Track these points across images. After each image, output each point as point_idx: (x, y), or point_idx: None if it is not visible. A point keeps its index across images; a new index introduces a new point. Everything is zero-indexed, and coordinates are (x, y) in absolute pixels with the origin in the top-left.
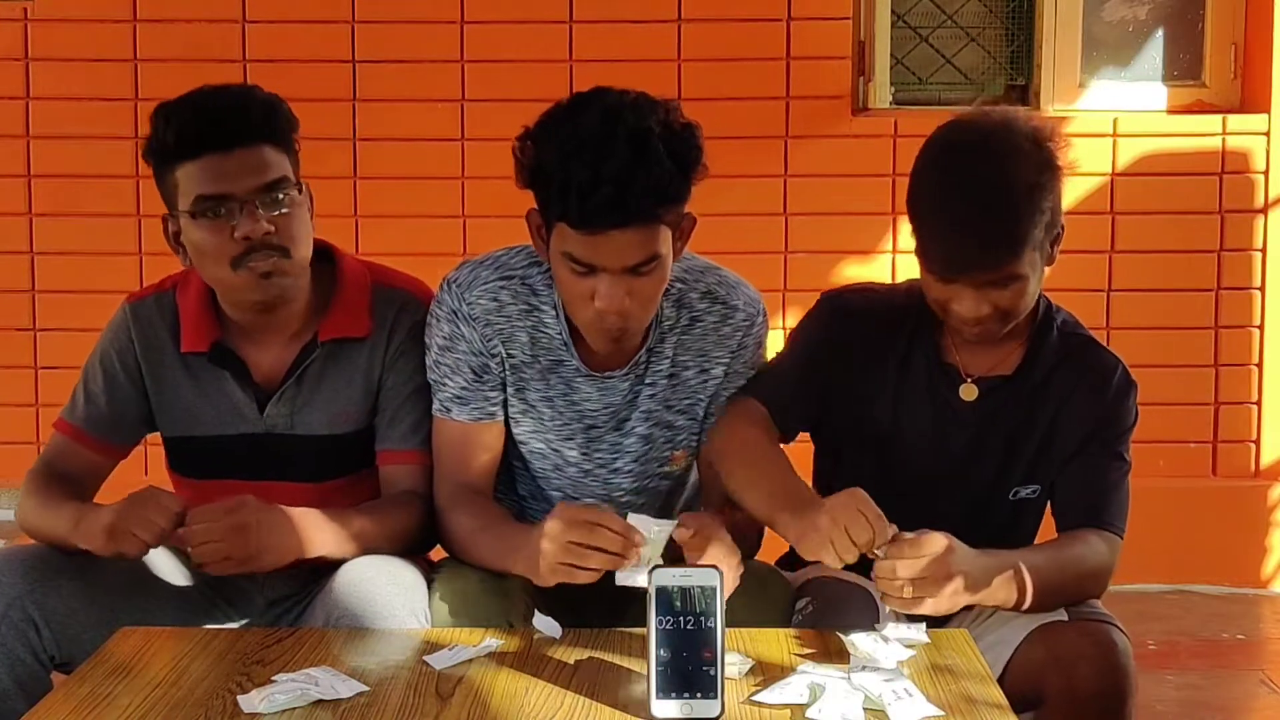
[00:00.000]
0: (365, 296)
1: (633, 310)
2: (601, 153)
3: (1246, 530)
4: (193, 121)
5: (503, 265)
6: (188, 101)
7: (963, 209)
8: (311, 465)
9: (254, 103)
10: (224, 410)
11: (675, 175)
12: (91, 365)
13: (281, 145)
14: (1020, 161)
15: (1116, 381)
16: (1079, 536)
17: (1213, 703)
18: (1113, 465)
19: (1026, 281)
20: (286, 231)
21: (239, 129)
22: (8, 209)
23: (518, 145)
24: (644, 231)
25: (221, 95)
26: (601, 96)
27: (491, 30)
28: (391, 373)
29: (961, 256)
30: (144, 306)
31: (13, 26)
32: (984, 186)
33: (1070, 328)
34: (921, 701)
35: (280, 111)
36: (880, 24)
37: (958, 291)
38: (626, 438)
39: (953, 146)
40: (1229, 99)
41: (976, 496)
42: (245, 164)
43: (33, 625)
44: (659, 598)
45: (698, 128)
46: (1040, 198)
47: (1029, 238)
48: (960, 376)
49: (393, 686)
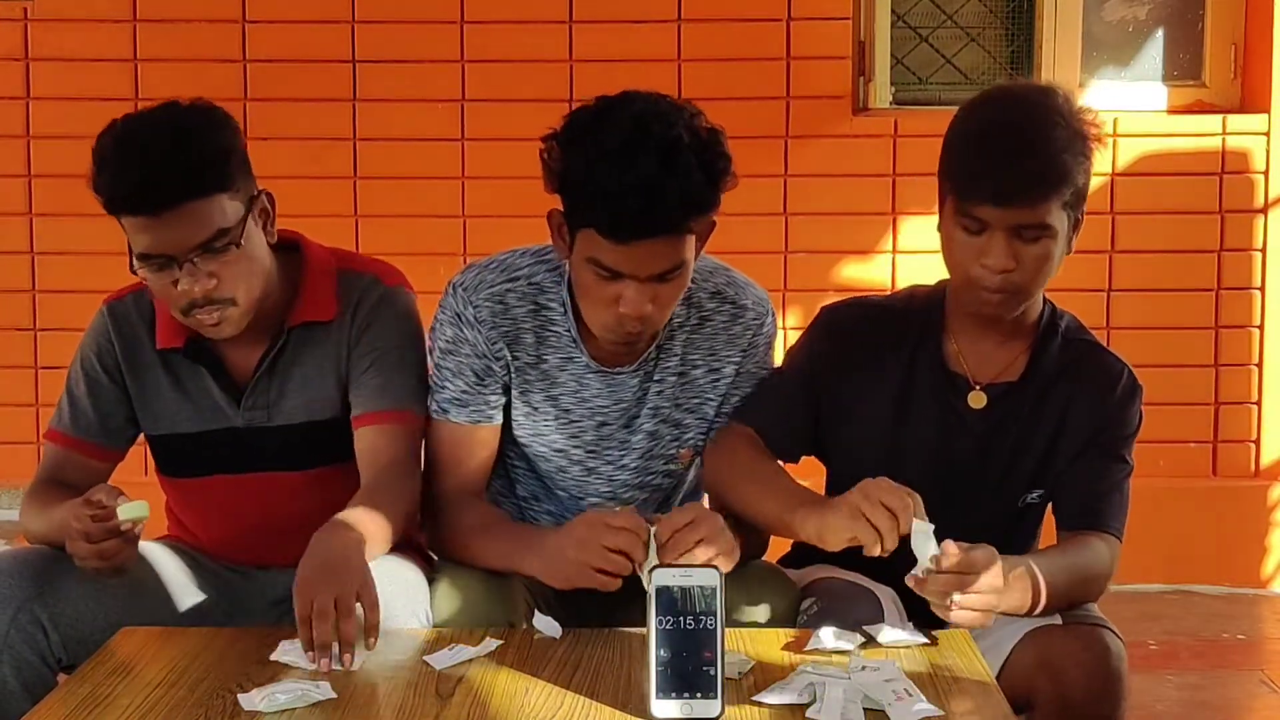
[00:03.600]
0: (330, 281)
1: (653, 314)
2: (632, 162)
3: (1246, 530)
4: (123, 182)
5: (508, 267)
6: (120, 154)
7: (1012, 136)
8: (294, 454)
9: (185, 160)
10: (204, 406)
11: (705, 185)
12: (74, 371)
13: (220, 189)
14: (1066, 112)
15: (1122, 386)
16: (1083, 541)
17: (1213, 703)
18: (1115, 468)
19: (1052, 243)
20: (231, 280)
21: (170, 193)
22: (8, 209)
23: (544, 148)
24: (672, 241)
25: (151, 150)
26: (629, 102)
27: (491, 30)
28: (357, 347)
29: (1008, 183)
30: (122, 305)
31: (13, 26)
32: (1031, 123)
33: (1075, 332)
34: (921, 701)
35: (217, 156)
36: (880, 24)
37: (987, 244)
38: (634, 434)
39: (1001, 92)
40: (1229, 99)
41: (983, 503)
42: (180, 225)
43: (40, 628)
44: (659, 598)
45: (723, 134)
46: (1082, 145)
47: (1071, 177)
48: (969, 384)
49: (393, 686)
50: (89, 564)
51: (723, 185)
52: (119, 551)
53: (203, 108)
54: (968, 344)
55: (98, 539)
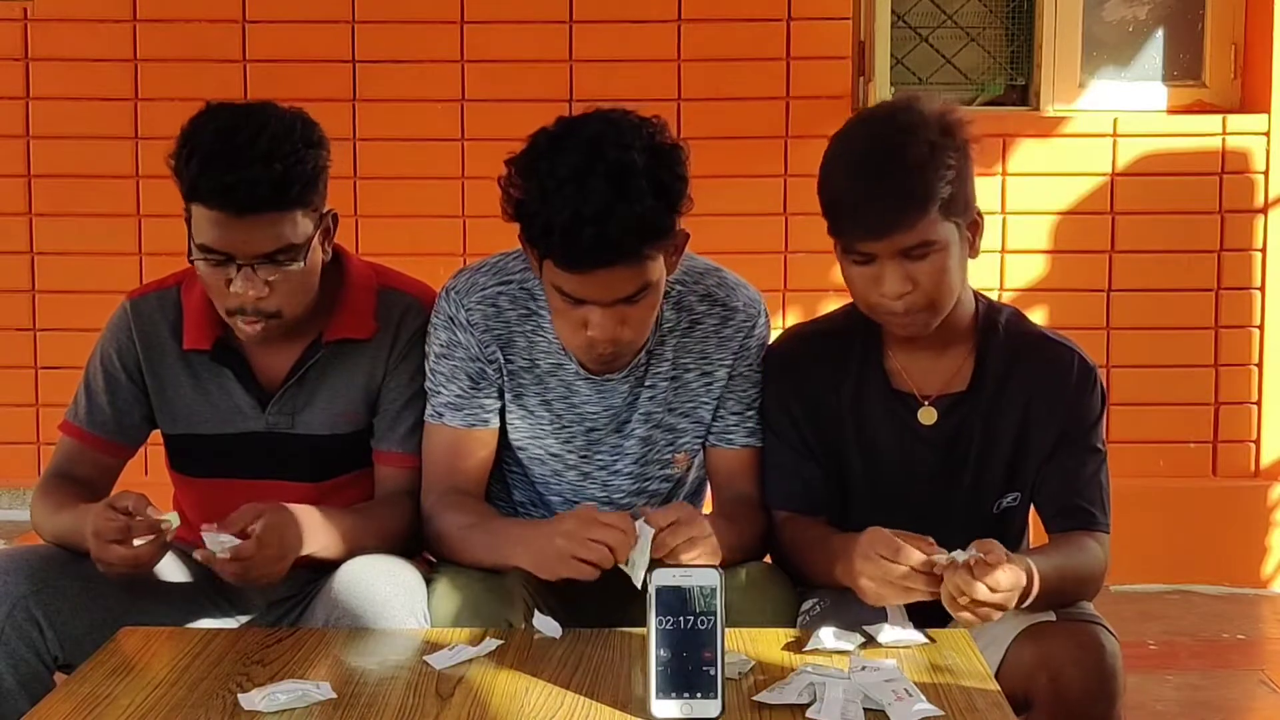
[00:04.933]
0: (371, 298)
1: (625, 336)
2: (582, 192)
3: (1246, 530)
4: (212, 175)
5: (501, 271)
6: (217, 146)
7: (868, 169)
8: (311, 464)
9: (279, 170)
10: (225, 409)
11: (659, 211)
12: (92, 365)
13: (302, 205)
14: (920, 124)
15: (1076, 374)
16: (1077, 543)
17: (1213, 703)
18: (1089, 461)
19: (944, 255)
20: (282, 294)
21: (257, 199)
22: (8, 209)
23: (503, 178)
24: (631, 268)
25: (250, 152)
26: (583, 126)
27: (491, 30)
28: (394, 375)
29: (874, 216)
30: (145, 303)
31: (13, 26)
32: (885, 148)
33: (1016, 325)
34: (921, 701)
35: (309, 174)
36: (880, 24)
37: (879, 272)
38: (627, 440)
39: (855, 122)
40: (1229, 99)
41: (957, 513)
42: (254, 230)
43: (36, 626)
44: (659, 598)
45: (683, 150)
46: (942, 155)
47: (935, 193)
48: (917, 400)
49: (393, 686)
50: (118, 569)
51: (679, 208)
52: (150, 557)
53: (305, 119)
54: (908, 360)
55: (142, 531)
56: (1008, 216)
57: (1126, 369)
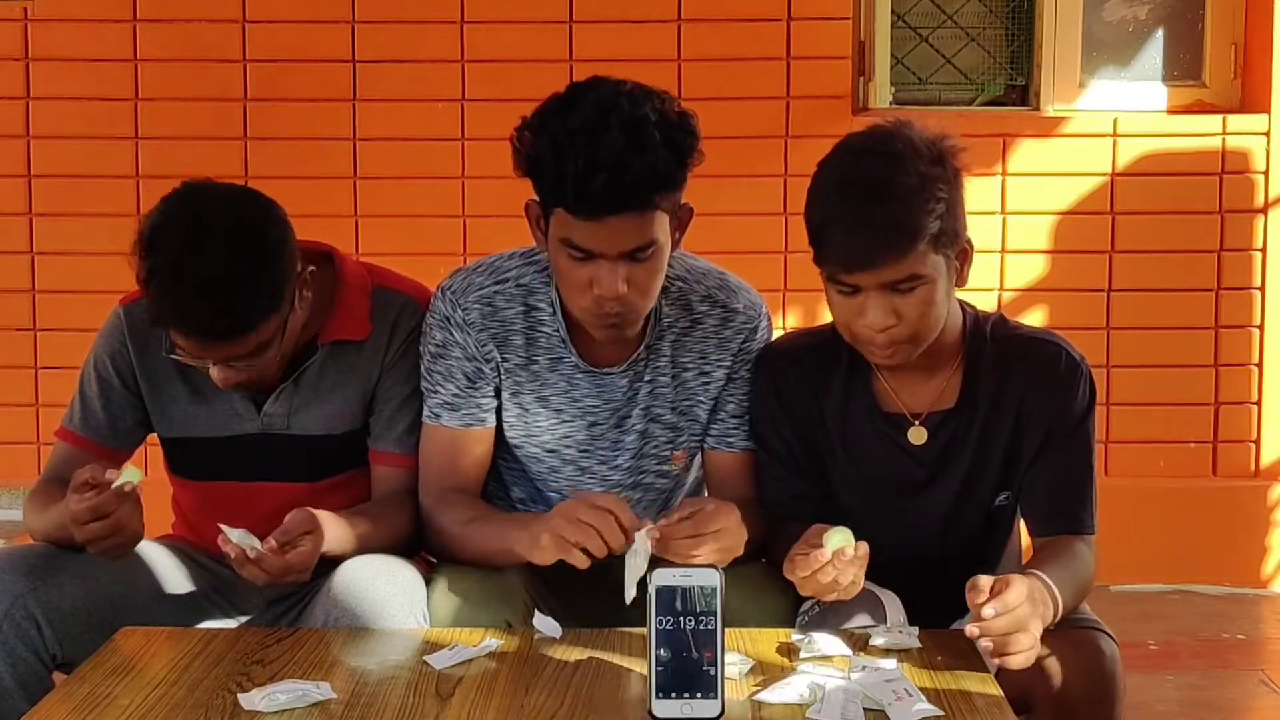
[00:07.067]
0: (365, 299)
1: (630, 298)
2: (597, 139)
3: (1246, 530)
4: (182, 321)
5: (496, 270)
6: (179, 289)
7: (856, 200)
8: (307, 464)
9: (243, 304)
10: (220, 411)
11: (670, 161)
12: (87, 371)
13: (274, 313)
14: (911, 154)
15: (1063, 369)
16: (1071, 551)
17: (1213, 703)
18: (1079, 460)
19: (931, 288)
20: (261, 369)
21: (229, 332)
22: (8, 209)
23: (515, 135)
24: (641, 217)
25: (213, 292)
26: (596, 86)
27: (491, 30)
28: (390, 374)
29: (860, 248)
30: (138, 307)
31: (13, 26)
32: (876, 180)
33: (1002, 329)
34: (921, 701)
35: (274, 289)
36: (880, 24)
37: (863, 303)
38: (626, 435)
39: (847, 148)
40: (1229, 99)
41: (952, 516)
42: (226, 350)
43: (34, 624)
44: (659, 598)
45: (694, 116)
46: (932, 188)
47: (924, 227)
48: (906, 421)
49: (393, 686)
50: (101, 544)
51: (690, 161)
52: (129, 518)
53: (257, 232)
54: (896, 381)
55: (106, 510)
56: (1008, 216)
57: (1126, 369)
